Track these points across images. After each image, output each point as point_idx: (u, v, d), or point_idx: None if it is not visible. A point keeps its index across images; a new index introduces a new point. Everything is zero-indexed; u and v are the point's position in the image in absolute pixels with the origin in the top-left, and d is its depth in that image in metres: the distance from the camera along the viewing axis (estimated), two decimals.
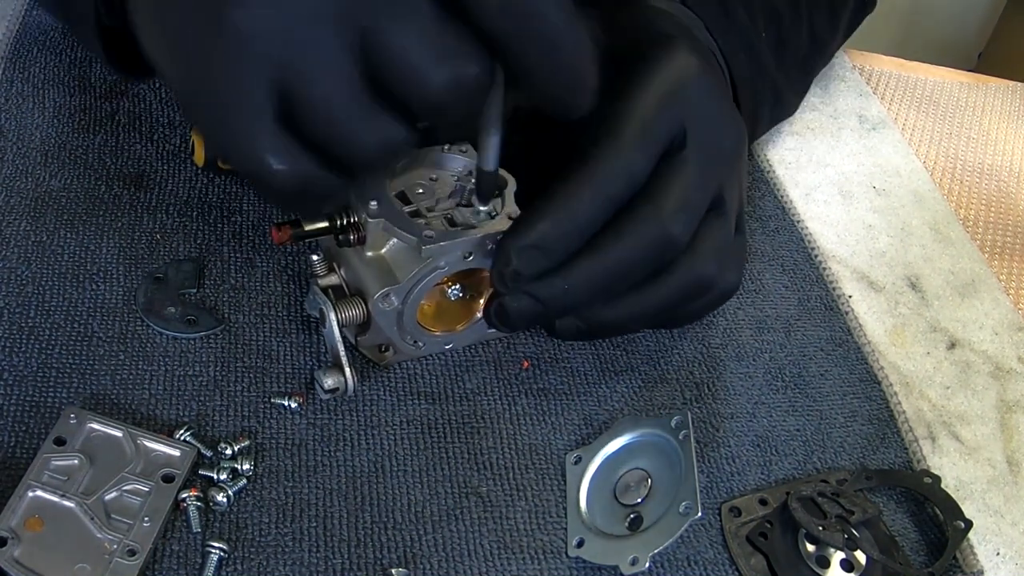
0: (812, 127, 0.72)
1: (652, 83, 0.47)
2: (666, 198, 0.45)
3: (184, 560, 0.40)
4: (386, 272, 0.46)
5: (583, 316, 0.48)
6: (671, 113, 0.47)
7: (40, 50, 0.62)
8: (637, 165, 0.45)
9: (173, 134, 0.58)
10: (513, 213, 0.47)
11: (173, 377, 0.46)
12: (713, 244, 0.47)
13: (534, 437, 0.48)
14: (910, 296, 0.61)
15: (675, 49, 0.49)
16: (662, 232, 0.45)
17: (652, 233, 0.45)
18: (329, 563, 0.41)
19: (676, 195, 0.45)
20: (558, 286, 0.45)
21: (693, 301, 0.49)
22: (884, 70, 0.81)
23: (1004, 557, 0.48)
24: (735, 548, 0.45)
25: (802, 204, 0.65)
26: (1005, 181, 0.73)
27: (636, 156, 0.45)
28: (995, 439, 0.53)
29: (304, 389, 0.47)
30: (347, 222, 0.46)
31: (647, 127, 0.46)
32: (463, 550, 0.43)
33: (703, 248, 0.47)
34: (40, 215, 0.52)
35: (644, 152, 0.46)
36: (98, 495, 0.41)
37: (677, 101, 0.47)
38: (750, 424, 0.51)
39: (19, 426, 0.43)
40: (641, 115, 0.46)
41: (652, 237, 0.45)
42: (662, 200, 0.45)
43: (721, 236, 0.48)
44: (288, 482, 0.44)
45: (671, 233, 0.45)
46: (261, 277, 0.51)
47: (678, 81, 0.48)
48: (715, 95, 0.50)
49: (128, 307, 0.48)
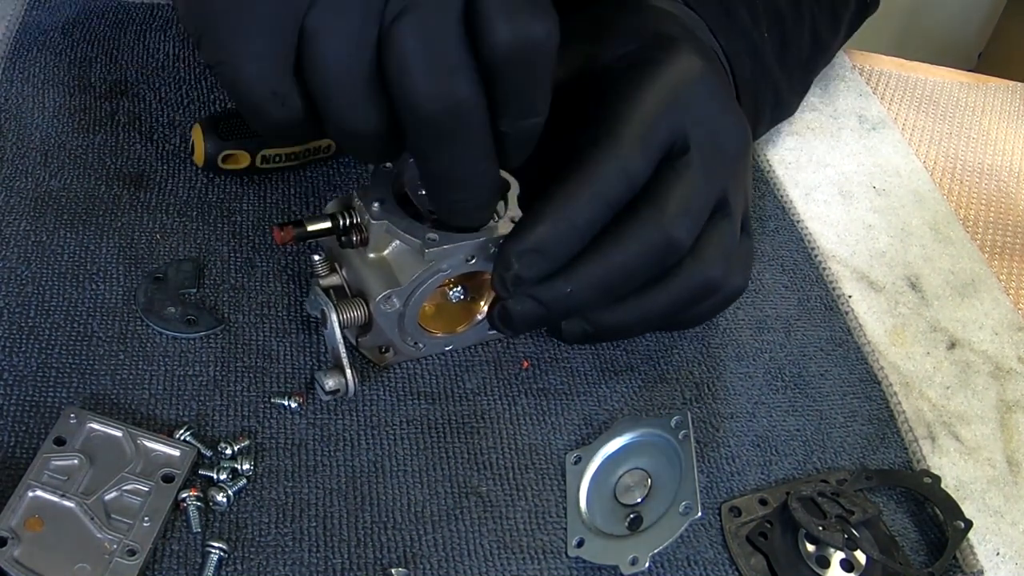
0: (812, 127, 0.72)
1: (653, 85, 0.47)
2: (668, 201, 0.45)
3: (184, 560, 0.40)
4: (388, 274, 0.46)
5: (589, 319, 0.48)
6: (672, 115, 0.46)
7: (40, 50, 0.62)
8: (635, 166, 0.45)
9: (173, 134, 0.58)
10: (516, 216, 0.47)
11: (173, 377, 0.46)
12: (719, 247, 0.47)
13: (534, 437, 0.48)
14: (910, 296, 0.61)
15: (677, 51, 0.49)
16: (663, 235, 0.45)
17: (653, 236, 0.45)
18: (329, 563, 0.41)
19: (678, 198, 0.45)
20: (560, 288, 0.44)
21: (699, 304, 0.49)
22: (884, 70, 0.81)
23: (1004, 557, 0.48)
24: (735, 548, 0.45)
25: (802, 204, 0.65)
26: (1005, 181, 0.73)
27: (634, 157, 0.45)
28: (995, 439, 0.53)
29: (304, 389, 0.47)
30: (350, 223, 0.46)
31: (647, 129, 0.46)
32: (463, 550, 0.43)
33: (708, 251, 0.47)
34: (40, 215, 0.52)
35: (643, 153, 0.45)
36: (98, 495, 0.41)
37: (679, 103, 0.47)
38: (750, 424, 0.51)
39: (19, 426, 0.43)
40: (641, 117, 0.46)
41: (653, 240, 0.45)
42: (664, 203, 0.45)
43: (727, 239, 0.48)
44: (288, 482, 0.44)
45: (673, 236, 0.45)
46: (261, 277, 0.51)
47: (680, 83, 0.47)
48: (718, 97, 0.49)
49: (128, 307, 0.48)
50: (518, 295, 0.45)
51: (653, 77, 0.47)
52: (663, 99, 0.47)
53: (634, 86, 0.47)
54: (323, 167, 0.58)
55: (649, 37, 0.50)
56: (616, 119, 0.46)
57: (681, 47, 0.49)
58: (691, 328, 0.53)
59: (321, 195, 0.56)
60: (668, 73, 0.48)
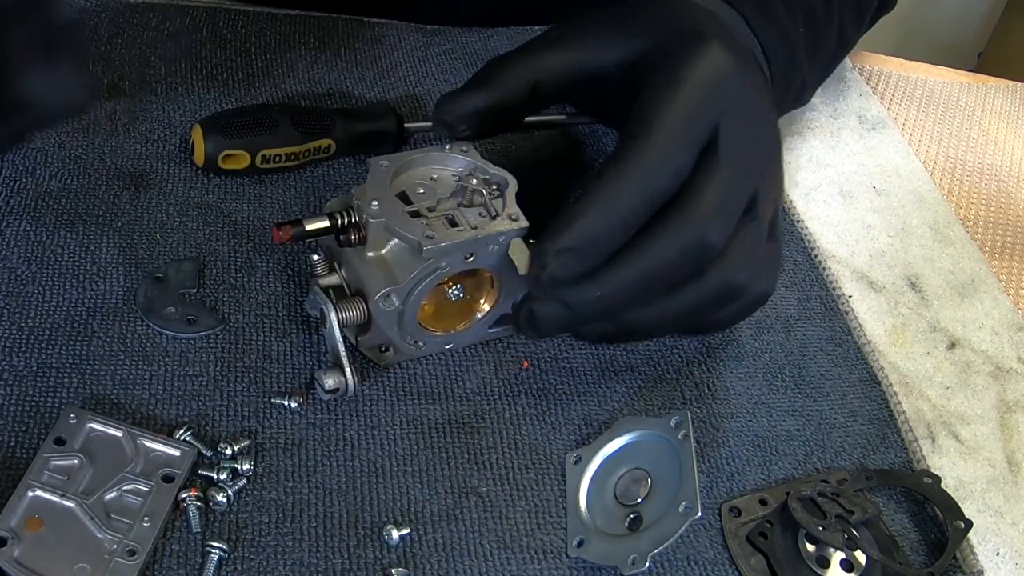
0: (812, 127, 0.72)
1: (689, 80, 0.46)
2: (704, 202, 0.44)
3: (184, 560, 0.40)
4: (387, 272, 0.46)
5: (612, 320, 0.47)
6: (707, 111, 0.46)
7: None
8: (680, 160, 0.44)
9: (173, 134, 0.58)
10: (514, 214, 0.47)
11: (173, 377, 0.46)
12: (746, 249, 0.46)
13: (534, 437, 0.48)
14: (910, 296, 0.61)
15: (711, 46, 0.48)
16: (700, 238, 0.44)
17: (690, 239, 0.44)
18: (329, 563, 0.41)
19: (712, 198, 0.44)
20: (590, 293, 0.44)
21: (723, 307, 0.48)
22: (884, 70, 0.81)
23: (1004, 557, 0.48)
24: (735, 548, 0.45)
25: (802, 204, 0.65)
26: (1005, 181, 0.73)
27: (678, 150, 0.44)
28: (995, 439, 0.53)
29: (304, 389, 0.47)
30: (348, 222, 0.46)
31: (686, 123, 0.45)
32: (463, 550, 0.43)
33: (735, 254, 0.46)
34: (40, 215, 0.52)
35: (685, 147, 0.45)
36: (98, 495, 0.41)
37: (713, 100, 0.46)
38: (750, 424, 0.51)
39: (19, 426, 0.43)
40: (680, 110, 0.45)
41: (689, 243, 0.44)
42: (700, 204, 0.44)
43: (754, 241, 0.47)
44: (288, 482, 0.44)
45: (709, 239, 0.44)
46: (261, 277, 0.51)
47: (714, 80, 0.47)
48: (751, 94, 0.48)
49: (128, 307, 0.48)
50: (552, 296, 0.44)
51: (688, 74, 0.46)
52: (699, 96, 0.46)
53: (670, 81, 0.46)
54: (323, 167, 0.58)
55: (683, 31, 0.50)
56: (655, 112, 0.45)
57: (714, 43, 0.48)
58: (715, 332, 0.53)
59: (321, 195, 0.56)
60: (703, 69, 0.47)
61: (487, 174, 0.48)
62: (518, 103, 0.50)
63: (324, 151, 0.57)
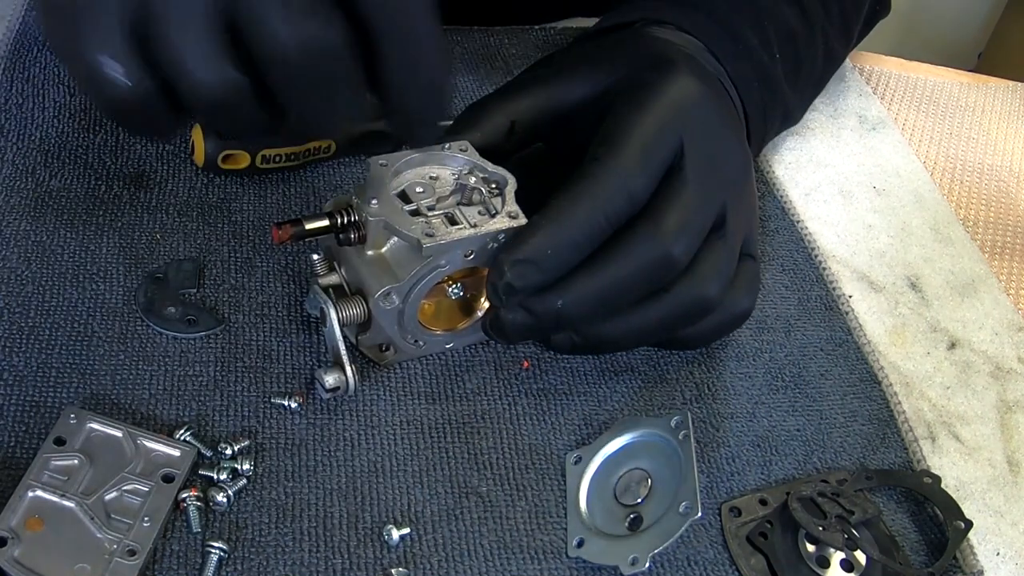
0: (812, 127, 0.72)
1: (653, 105, 0.47)
2: (667, 218, 0.45)
3: (184, 560, 0.40)
4: (387, 271, 0.46)
5: (578, 331, 0.48)
6: (671, 135, 0.47)
7: (40, 50, 0.62)
8: (637, 184, 0.45)
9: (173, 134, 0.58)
10: (513, 212, 0.47)
11: (173, 377, 0.46)
12: (713, 265, 0.47)
13: (534, 437, 0.48)
14: (910, 296, 0.61)
15: (676, 73, 0.49)
16: (663, 253, 0.45)
17: (652, 253, 0.45)
18: (329, 563, 0.41)
19: (676, 215, 0.45)
20: (552, 302, 0.45)
21: (693, 322, 0.49)
22: (884, 70, 0.81)
23: (1004, 557, 0.48)
24: (735, 548, 0.45)
25: (802, 204, 0.65)
26: (1005, 181, 0.73)
27: (636, 174, 0.45)
28: (995, 439, 0.53)
29: (304, 389, 0.47)
30: (348, 221, 0.46)
31: (647, 146, 0.46)
32: (463, 550, 0.43)
33: (702, 269, 0.47)
34: (40, 215, 0.52)
35: (644, 171, 0.46)
36: (98, 495, 0.41)
37: (677, 123, 0.47)
38: (750, 424, 0.51)
39: (19, 426, 0.43)
40: (641, 135, 0.46)
41: (652, 257, 0.45)
42: (662, 220, 0.45)
43: (722, 258, 0.48)
44: (288, 482, 0.44)
45: (671, 254, 0.45)
46: (261, 277, 0.51)
47: (678, 103, 0.48)
48: (716, 118, 0.50)
49: (128, 307, 0.48)
50: (510, 304, 0.45)
51: (652, 98, 0.48)
52: (662, 119, 0.47)
53: (634, 107, 0.47)
54: (323, 167, 0.58)
55: (648, 61, 0.51)
56: (618, 135, 0.46)
57: (679, 69, 0.50)
58: (694, 348, 0.53)
59: (321, 195, 0.56)
60: (667, 94, 0.48)
61: (486, 172, 0.48)
62: (499, 144, 0.51)
63: (324, 151, 0.57)
